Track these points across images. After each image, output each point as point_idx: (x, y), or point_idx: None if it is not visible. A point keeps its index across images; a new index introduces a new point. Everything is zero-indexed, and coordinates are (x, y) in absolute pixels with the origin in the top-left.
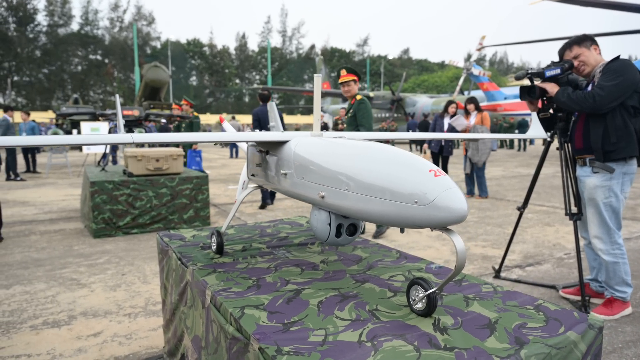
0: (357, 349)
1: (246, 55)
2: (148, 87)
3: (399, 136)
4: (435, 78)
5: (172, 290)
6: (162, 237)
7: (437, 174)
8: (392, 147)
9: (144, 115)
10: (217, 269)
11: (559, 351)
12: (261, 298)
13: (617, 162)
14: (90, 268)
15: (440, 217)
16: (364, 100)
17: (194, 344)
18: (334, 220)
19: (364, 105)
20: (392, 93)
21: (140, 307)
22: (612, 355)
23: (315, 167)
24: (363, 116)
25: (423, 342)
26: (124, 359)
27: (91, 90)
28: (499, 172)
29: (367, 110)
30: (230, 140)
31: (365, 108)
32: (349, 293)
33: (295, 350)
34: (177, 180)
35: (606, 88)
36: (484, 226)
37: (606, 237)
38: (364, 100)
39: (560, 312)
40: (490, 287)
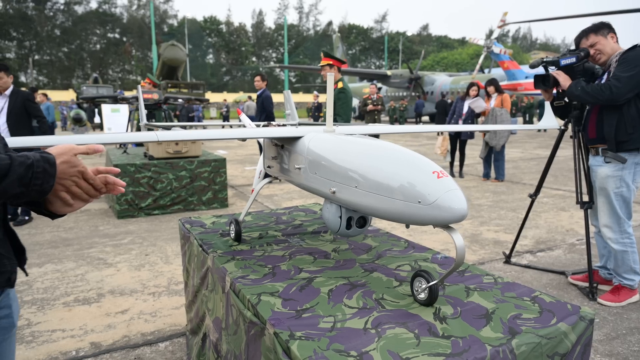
0: (362, 336)
1: (263, 32)
2: (165, 66)
3: (409, 129)
4: (455, 55)
5: (194, 274)
6: (183, 224)
7: (439, 175)
8: (400, 147)
9: (162, 99)
10: (235, 256)
11: (549, 341)
12: (276, 285)
13: (630, 153)
14: (115, 248)
15: (441, 217)
16: (344, 89)
17: (215, 324)
18: (344, 214)
19: (344, 95)
20: (410, 71)
21: (163, 286)
22: (615, 341)
23: (327, 164)
24: (341, 106)
25: (423, 330)
26: (149, 335)
27: (110, 68)
28: (517, 154)
29: (347, 101)
30: (250, 136)
31: (345, 97)
32: (358, 282)
33: (307, 336)
34: (196, 163)
35: (623, 79)
36: (498, 210)
37: (616, 226)
38: (344, 89)
39: (554, 304)
40: (492, 279)
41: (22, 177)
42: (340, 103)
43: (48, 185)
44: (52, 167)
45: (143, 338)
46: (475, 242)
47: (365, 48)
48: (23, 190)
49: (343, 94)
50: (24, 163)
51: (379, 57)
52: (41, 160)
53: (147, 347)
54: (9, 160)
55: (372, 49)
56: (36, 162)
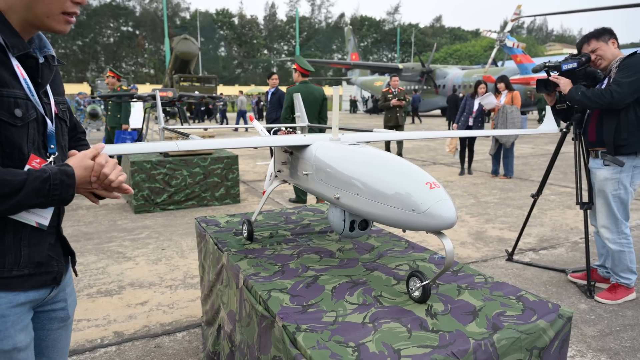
0: (360, 329)
1: (275, 25)
2: (178, 60)
3: (412, 136)
4: (469, 47)
5: (209, 270)
6: (200, 223)
7: (432, 186)
8: (398, 158)
9: (177, 97)
10: (248, 254)
11: (528, 336)
12: (285, 283)
13: (628, 156)
14: (133, 242)
15: (433, 224)
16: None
17: (229, 317)
18: (347, 217)
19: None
20: (422, 64)
21: (179, 280)
22: (608, 337)
23: (332, 171)
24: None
25: (415, 325)
26: (168, 325)
27: (123, 61)
28: (528, 150)
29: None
30: (262, 145)
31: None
32: (359, 280)
33: (311, 328)
34: (209, 160)
35: (624, 85)
36: (504, 208)
37: (613, 227)
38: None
39: (536, 303)
40: (482, 278)
41: (38, 190)
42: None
43: (68, 194)
44: (70, 178)
45: (162, 328)
46: (480, 239)
47: (377, 40)
48: (42, 200)
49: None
50: (39, 177)
51: (391, 49)
52: (58, 173)
53: (166, 337)
54: (25, 175)
55: (384, 42)
56: (53, 175)
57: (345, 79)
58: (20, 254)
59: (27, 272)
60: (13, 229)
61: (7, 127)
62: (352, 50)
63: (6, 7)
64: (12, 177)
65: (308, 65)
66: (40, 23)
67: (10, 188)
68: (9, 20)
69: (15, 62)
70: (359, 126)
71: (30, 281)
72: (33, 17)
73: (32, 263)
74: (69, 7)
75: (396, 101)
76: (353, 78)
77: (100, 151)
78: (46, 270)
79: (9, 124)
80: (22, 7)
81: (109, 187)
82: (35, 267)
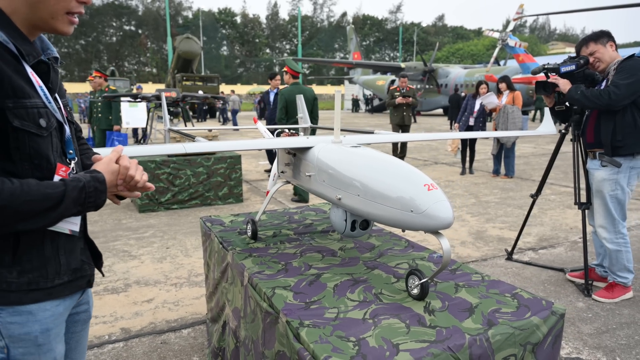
0: (360, 325)
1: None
2: (181, 59)
3: (412, 138)
4: (471, 46)
5: (214, 268)
6: (205, 222)
7: (430, 188)
8: (398, 160)
9: (180, 97)
10: (252, 253)
11: (521, 332)
12: (288, 280)
13: (625, 157)
14: (138, 241)
15: (430, 224)
16: (283, 91)
17: (234, 314)
18: (349, 218)
19: (281, 96)
20: (424, 64)
21: (184, 278)
22: (604, 335)
23: (334, 173)
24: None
25: (413, 321)
26: (173, 322)
27: (126, 60)
28: (530, 149)
29: (282, 100)
30: (265, 147)
31: (281, 98)
32: (360, 278)
33: (314, 324)
34: (212, 160)
35: (622, 86)
36: (505, 207)
37: (611, 227)
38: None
39: (531, 300)
40: (479, 277)
41: (76, 199)
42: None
43: (101, 200)
44: (102, 184)
45: (168, 325)
46: (480, 238)
47: (379, 39)
48: (80, 209)
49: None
50: (76, 187)
51: (394, 48)
52: (92, 181)
53: (172, 333)
54: (63, 186)
55: (387, 40)
56: (87, 183)
57: (347, 78)
58: (59, 263)
59: (67, 279)
60: (50, 239)
61: (34, 138)
62: (354, 49)
63: (10, 11)
64: (52, 190)
65: (298, 67)
66: (45, 24)
67: (53, 201)
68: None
69: (29, 69)
70: (361, 125)
71: (69, 287)
72: (37, 19)
73: (70, 270)
74: (74, 7)
75: (401, 99)
76: (355, 77)
77: (121, 153)
78: (81, 274)
79: (36, 135)
80: (26, 9)
81: (133, 188)
82: (72, 273)
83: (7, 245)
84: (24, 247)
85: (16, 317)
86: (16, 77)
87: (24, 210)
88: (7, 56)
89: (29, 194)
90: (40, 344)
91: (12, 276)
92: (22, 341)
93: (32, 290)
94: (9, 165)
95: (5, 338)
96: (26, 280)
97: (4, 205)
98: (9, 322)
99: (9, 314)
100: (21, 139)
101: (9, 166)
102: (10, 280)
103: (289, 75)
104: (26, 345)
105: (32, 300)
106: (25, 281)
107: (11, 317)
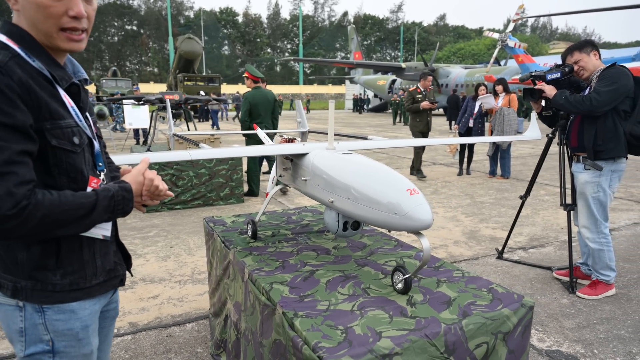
0: (349, 315)
1: (278, 23)
2: (182, 59)
3: (404, 144)
4: (472, 46)
5: (217, 266)
6: (208, 222)
7: (412, 193)
8: (385, 168)
9: (183, 100)
10: (252, 251)
11: (493, 322)
12: (285, 276)
13: (607, 161)
14: (143, 240)
15: (412, 225)
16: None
17: (235, 307)
18: (341, 219)
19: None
20: (424, 64)
21: (187, 275)
22: (585, 329)
23: (327, 178)
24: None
25: (396, 312)
26: (178, 317)
27: (127, 60)
28: (527, 150)
29: (245, 104)
30: (265, 153)
31: (245, 102)
32: (351, 274)
33: (307, 315)
34: (214, 161)
35: (602, 93)
36: (499, 208)
37: (593, 227)
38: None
39: (504, 294)
40: (460, 273)
41: (107, 207)
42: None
43: (128, 207)
44: (129, 193)
45: (173, 319)
46: (473, 238)
47: (380, 39)
48: (110, 215)
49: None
50: (106, 196)
51: (395, 48)
52: (120, 190)
53: (177, 327)
54: (95, 196)
55: (388, 40)
56: (116, 192)
57: (348, 77)
58: (96, 265)
59: (102, 279)
60: (87, 245)
61: (69, 154)
62: (355, 49)
63: (36, 38)
64: (86, 200)
65: (258, 73)
66: (51, 44)
67: (87, 209)
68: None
69: (62, 92)
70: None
71: (105, 286)
72: (44, 39)
73: (105, 271)
74: (66, 22)
75: (427, 103)
76: (356, 77)
77: (146, 162)
78: (115, 274)
79: (71, 152)
80: (35, 32)
81: (155, 196)
82: (107, 274)
83: (51, 251)
84: (65, 252)
85: (60, 315)
86: (51, 101)
87: (62, 218)
88: (43, 82)
89: (65, 203)
90: (80, 338)
91: (56, 278)
92: (65, 336)
93: (73, 290)
94: (49, 180)
95: (50, 333)
96: (68, 281)
97: (46, 214)
98: (54, 319)
99: (54, 312)
100: (59, 156)
101: (49, 180)
102: (55, 282)
103: (250, 80)
104: (68, 339)
105: (73, 299)
106: (68, 282)
107: (56, 314)
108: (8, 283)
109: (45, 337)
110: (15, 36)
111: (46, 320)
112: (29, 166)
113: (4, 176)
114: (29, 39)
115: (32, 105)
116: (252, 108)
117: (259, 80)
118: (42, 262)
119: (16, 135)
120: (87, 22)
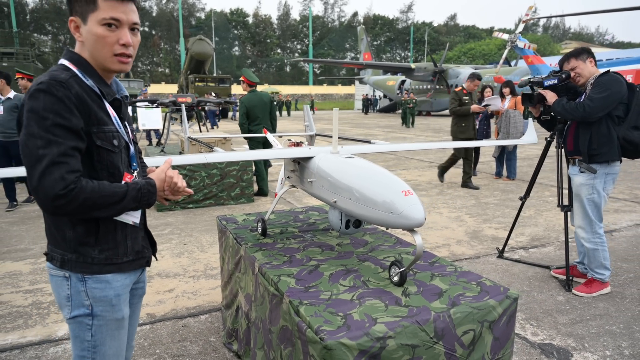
0: (348, 304)
1: (288, 24)
2: (193, 60)
3: (406, 147)
4: (483, 46)
5: (229, 260)
6: (220, 220)
7: (406, 194)
8: (383, 170)
9: (195, 102)
10: (262, 247)
11: (479, 311)
12: (292, 270)
13: (601, 164)
14: (158, 238)
15: (406, 223)
16: (242, 100)
17: (246, 299)
18: (343, 217)
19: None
20: (434, 64)
21: (201, 271)
22: (578, 325)
23: (331, 179)
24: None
25: (392, 301)
26: (192, 309)
27: (139, 61)
28: (535, 151)
29: (242, 107)
30: (274, 157)
31: (241, 104)
32: (352, 268)
33: (311, 303)
34: (225, 162)
35: (596, 100)
36: (503, 209)
37: (588, 228)
38: (241, 100)
39: (491, 287)
40: (453, 268)
41: (134, 197)
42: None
43: (152, 199)
44: (153, 187)
45: (187, 311)
46: (475, 238)
47: (390, 39)
48: (137, 205)
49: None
50: (135, 188)
51: (405, 48)
52: (146, 184)
53: (191, 318)
54: (126, 187)
55: (398, 40)
56: (142, 186)
57: (358, 78)
58: (127, 245)
59: (132, 258)
60: (120, 228)
61: (110, 154)
62: (365, 50)
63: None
64: (119, 189)
65: (254, 77)
66: (105, 67)
67: (119, 197)
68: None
69: (107, 105)
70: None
71: (133, 264)
72: (100, 64)
73: (134, 251)
74: (118, 49)
75: (477, 107)
76: (366, 77)
77: (169, 163)
78: (142, 256)
79: (111, 152)
80: (93, 59)
81: (176, 192)
82: (136, 254)
83: (92, 231)
84: (103, 233)
85: (98, 284)
86: (99, 111)
87: (99, 202)
88: (93, 96)
89: (103, 190)
90: (114, 304)
91: (95, 253)
92: (102, 302)
93: (108, 264)
94: (92, 172)
95: (90, 299)
96: (104, 256)
97: (87, 197)
98: (93, 287)
99: (93, 281)
100: (101, 154)
101: (92, 173)
102: (94, 256)
103: (246, 84)
104: (104, 305)
105: (108, 271)
106: (104, 257)
107: (95, 283)
108: (58, 256)
109: (86, 302)
110: (74, 61)
111: (87, 288)
112: (78, 159)
113: (60, 164)
114: (85, 63)
115: (84, 113)
116: (249, 111)
117: (255, 84)
118: (85, 240)
119: (70, 134)
120: (133, 49)
